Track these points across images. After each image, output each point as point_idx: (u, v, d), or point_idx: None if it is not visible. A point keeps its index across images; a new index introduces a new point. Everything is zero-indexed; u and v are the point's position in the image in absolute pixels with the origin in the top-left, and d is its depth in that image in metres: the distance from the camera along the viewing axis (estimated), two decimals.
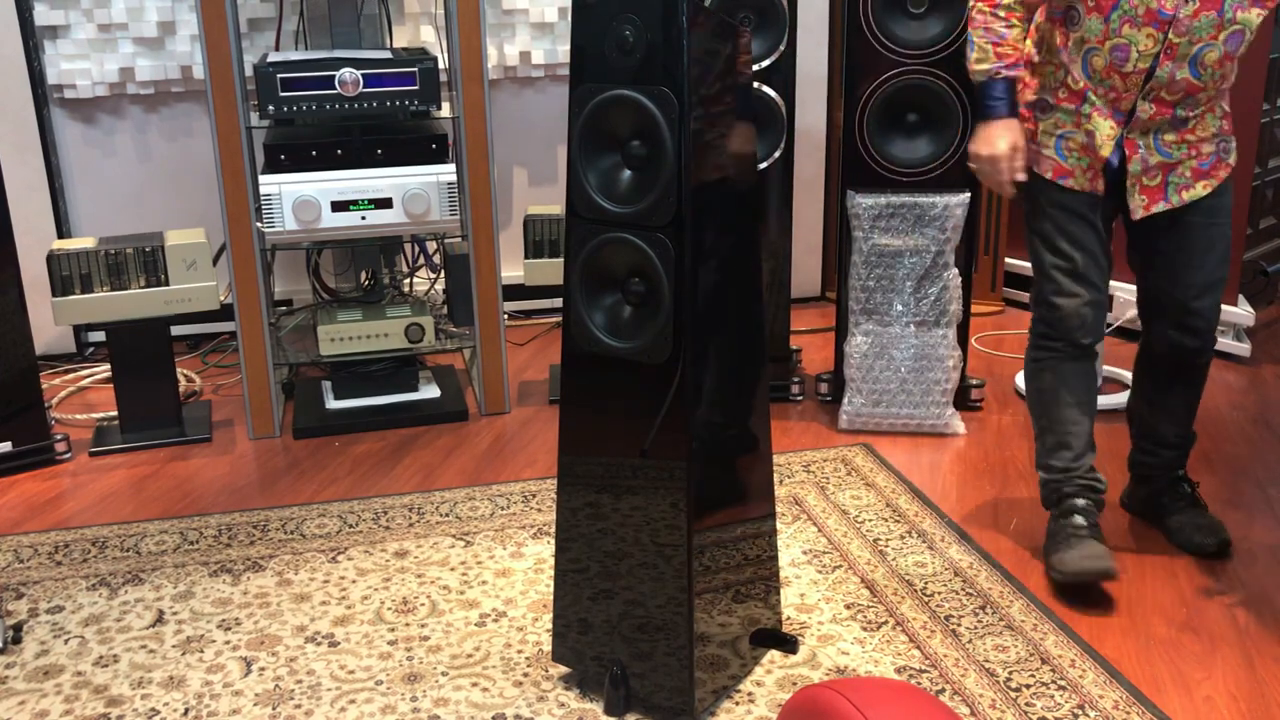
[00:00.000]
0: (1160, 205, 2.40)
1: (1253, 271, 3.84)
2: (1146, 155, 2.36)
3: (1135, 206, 2.41)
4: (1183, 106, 2.31)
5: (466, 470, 3.08)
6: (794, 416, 3.38)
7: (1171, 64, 2.24)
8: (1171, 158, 2.37)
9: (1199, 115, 2.34)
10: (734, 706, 2.06)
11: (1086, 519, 2.45)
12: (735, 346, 2.01)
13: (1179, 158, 2.37)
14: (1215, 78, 2.27)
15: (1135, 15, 2.21)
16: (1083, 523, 2.44)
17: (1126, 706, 2.04)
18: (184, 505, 2.90)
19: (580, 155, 1.92)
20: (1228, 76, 2.31)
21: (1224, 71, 2.27)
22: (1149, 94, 2.29)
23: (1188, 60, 2.23)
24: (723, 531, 2.03)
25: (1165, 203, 2.40)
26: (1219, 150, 2.40)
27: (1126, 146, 2.36)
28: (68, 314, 3.11)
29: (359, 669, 2.20)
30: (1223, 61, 2.24)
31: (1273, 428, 3.24)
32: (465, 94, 3.19)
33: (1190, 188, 2.39)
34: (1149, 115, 2.32)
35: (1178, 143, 2.36)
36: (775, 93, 3.20)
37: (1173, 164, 2.37)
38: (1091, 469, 2.51)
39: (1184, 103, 2.31)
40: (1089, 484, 2.49)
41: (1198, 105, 2.32)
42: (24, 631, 2.34)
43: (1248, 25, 2.21)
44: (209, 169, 3.59)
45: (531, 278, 3.43)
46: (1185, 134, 2.36)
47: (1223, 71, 2.27)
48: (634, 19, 1.81)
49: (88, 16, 3.70)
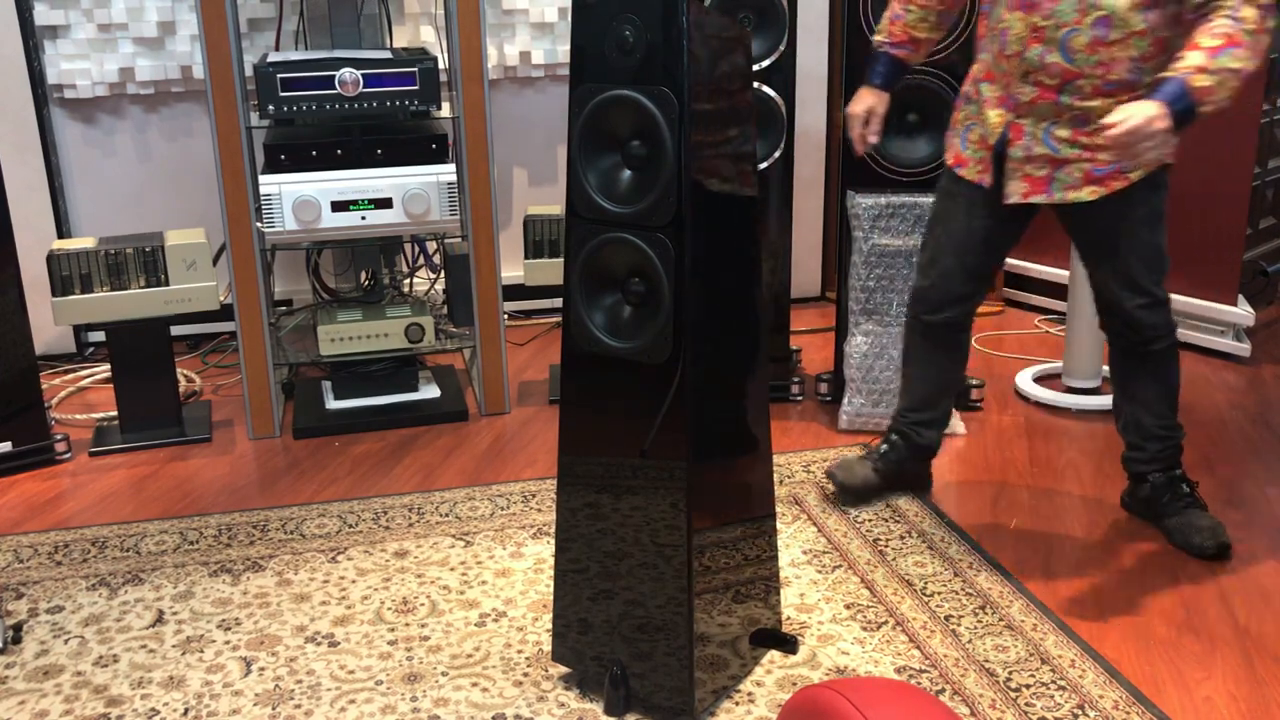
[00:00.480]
0: (1040, 198, 2.41)
1: (1253, 271, 3.84)
2: (1031, 144, 2.38)
3: (1011, 191, 2.43)
4: (1068, 93, 2.30)
5: (466, 470, 3.08)
6: (794, 416, 3.38)
7: (1041, 47, 2.28)
8: (1058, 154, 2.36)
9: (1102, 118, 2.23)
10: (734, 706, 2.06)
11: (880, 449, 2.81)
12: (735, 346, 2.01)
13: (1068, 156, 2.36)
14: (1091, 63, 2.26)
15: None
16: (877, 451, 2.82)
17: (1126, 706, 2.04)
18: (184, 505, 2.90)
19: (580, 155, 1.92)
20: (1111, 67, 2.26)
21: (1103, 59, 2.25)
22: (1026, 77, 2.33)
23: (1056, 44, 2.27)
24: (723, 531, 2.03)
25: (1046, 196, 2.40)
26: (1121, 163, 2.34)
27: (1012, 131, 2.39)
28: (68, 314, 3.11)
29: (359, 669, 2.20)
30: (1095, 47, 2.24)
31: (1273, 428, 3.24)
32: (465, 94, 3.19)
33: (1076, 189, 2.39)
34: (1030, 98, 2.34)
35: (1070, 141, 2.35)
36: (775, 93, 3.20)
37: (1060, 160, 2.37)
38: (918, 424, 2.77)
39: (1068, 89, 2.30)
40: (904, 431, 2.79)
41: (1085, 95, 2.30)
42: (24, 631, 2.34)
43: (1113, 10, 2.22)
44: (209, 169, 3.59)
45: (531, 278, 3.43)
46: (1081, 134, 2.34)
47: (1100, 59, 2.25)
48: (634, 19, 1.81)
49: (88, 16, 3.70)
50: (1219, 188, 3.65)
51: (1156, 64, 2.27)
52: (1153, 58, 2.28)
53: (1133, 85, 2.29)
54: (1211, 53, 2.14)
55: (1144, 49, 2.26)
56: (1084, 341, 3.43)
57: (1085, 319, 3.41)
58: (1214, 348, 3.77)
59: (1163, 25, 2.25)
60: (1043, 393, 3.44)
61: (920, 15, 2.56)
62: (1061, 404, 3.40)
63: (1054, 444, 3.16)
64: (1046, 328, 4.08)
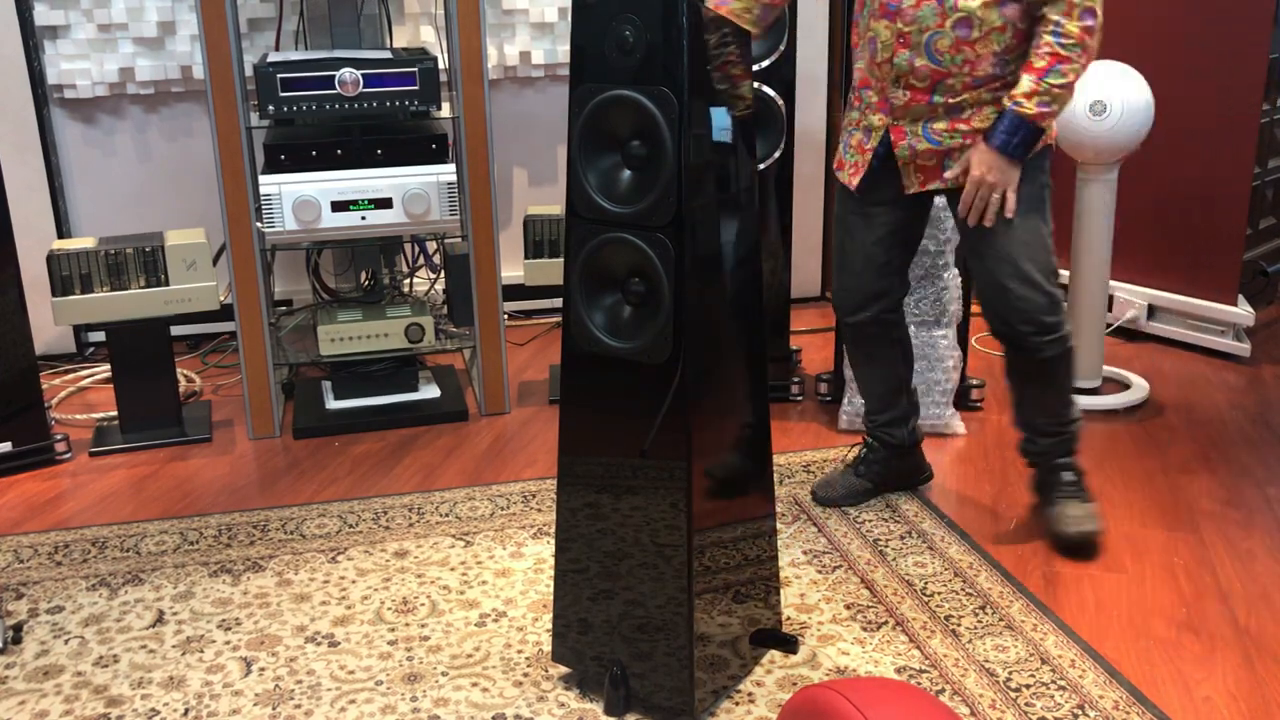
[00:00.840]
0: (936, 184, 2.48)
1: (1253, 271, 3.84)
2: (914, 142, 2.44)
3: (909, 183, 2.50)
4: (940, 93, 2.38)
5: (466, 470, 3.08)
6: (794, 416, 3.38)
7: (908, 52, 2.36)
8: (941, 145, 2.43)
9: (976, 107, 2.39)
10: (734, 707, 2.06)
11: (861, 455, 2.85)
12: (735, 346, 2.01)
13: (951, 145, 2.43)
14: (958, 62, 2.34)
15: (874, 8, 2.40)
16: (858, 459, 2.86)
17: (1126, 706, 2.04)
18: (184, 505, 2.90)
19: (580, 155, 1.92)
20: (977, 64, 2.34)
21: (968, 57, 2.33)
22: (898, 81, 2.40)
23: (922, 48, 2.35)
24: (723, 531, 2.03)
25: (941, 182, 2.47)
26: None
27: (894, 134, 2.46)
28: (68, 314, 3.11)
29: (359, 669, 2.20)
30: (959, 47, 2.33)
31: (1273, 428, 3.24)
32: (465, 94, 3.19)
33: None
34: (903, 101, 2.41)
35: (949, 131, 2.41)
36: (775, 93, 3.20)
37: (945, 150, 2.43)
38: (884, 425, 2.81)
39: (940, 89, 2.38)
40: (875, 435, 2.84)
41: (956, 92, 2.37)
42: (24, 631, 2.34)
43: (970, 12, 2.31)
44: (209, 169, 3.59)
45: (531, 278, 3.43)
46: (958, 122, 2.41)
47: (965, 57, 2.33)
48: (634, 19, 1.81)
49: (88, 16, 3.70)
50: (1219, 188, 3.65)
51: (1019, 54, 2.36)
52: (1015, 49, 2.36)
53: (998, 77, 2.37)
54: (1039, 74, 2.30)
55: (1005, 42, 2.34)
56: (1084, 341, 3.43)
57: (1086, 319, 3.42)
58: (1214, 348, 3.77)
59: (1020, 18, 2.33)
60: None
61: (745, 5, 2.51)
62: None
63: None
64: None
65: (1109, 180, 3.30)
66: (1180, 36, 3.63)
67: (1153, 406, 3.40)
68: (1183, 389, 3.52)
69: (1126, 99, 3.17)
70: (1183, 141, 3.67)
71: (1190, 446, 3.13)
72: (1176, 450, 3.11)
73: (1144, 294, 3.88)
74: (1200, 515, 2.75)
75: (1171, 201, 3.77)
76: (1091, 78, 3.22)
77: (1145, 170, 3.63)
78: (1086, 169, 3.30)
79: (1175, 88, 3.57)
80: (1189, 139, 3.67)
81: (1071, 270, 3.43)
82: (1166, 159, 3.68)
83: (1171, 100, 3.52)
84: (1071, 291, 3.44)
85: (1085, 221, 3.34)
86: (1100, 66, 3.24)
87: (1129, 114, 3.17)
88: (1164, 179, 3.74)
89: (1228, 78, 3.57)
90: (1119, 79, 3.19)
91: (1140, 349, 3.86)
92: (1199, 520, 2.73)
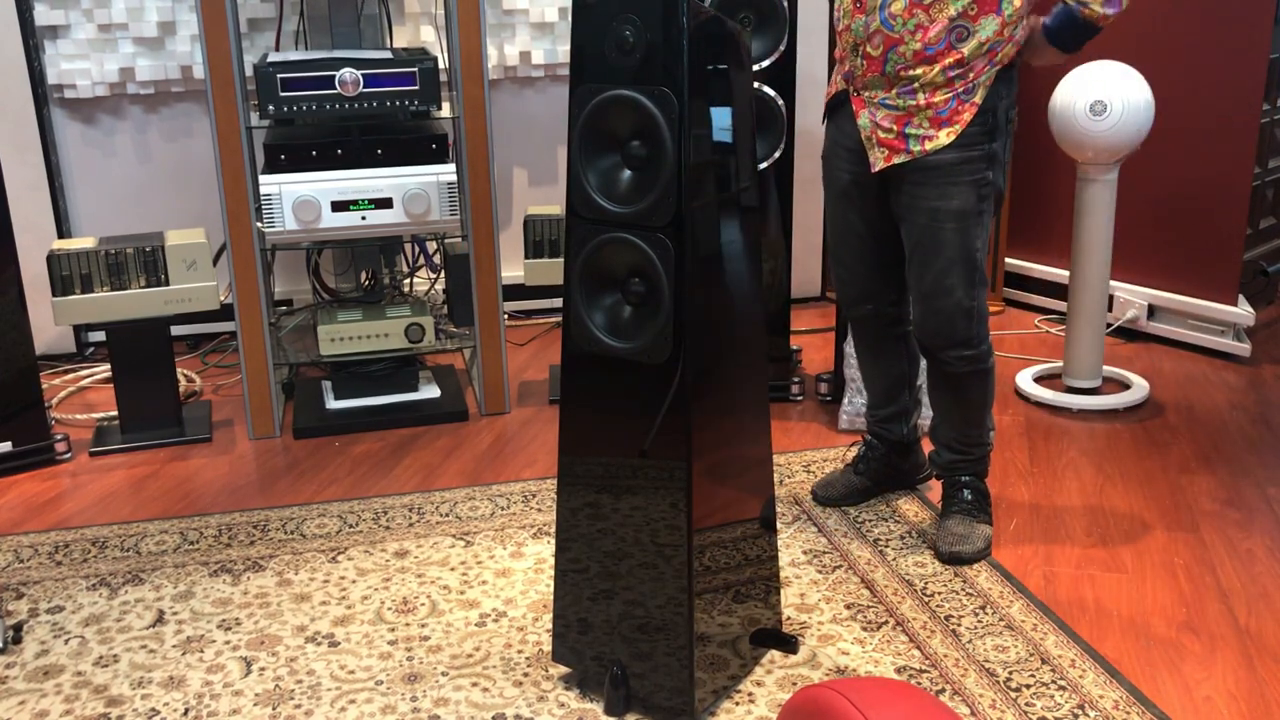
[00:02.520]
0: (901, 157, 2.40)
1: (1253, 271, 3.84)
2: (873, 111, 2.40)
3: (875, 159, 2.43)
4: (891, 62, 2.33)
5: (466, 470, 3.08)
6: (794, 416, 3.38)
7: (864, 17, 2.33)
8: (900, 109, 2.37)
9: (929, 90, 2.34)
10: (734, 706, 2.06)
11: (860, 454, 2.83)
12: (735, 346, 2.01)
13: (908, 107, 2.36)
14: (910, 27, 2.29)
15: None
16: (857, 457, 2.83)
17: (1126, 706, 2.04)
18: (184, 505, 2.90)
19: (580, 155, 1.92)
20: (929, 30, 2.28)
21: (921, 22, 2.28)
22: (856, 50, 2.38)
23: (877, 10, 2.31)
24: (723, 531, 2.03)
25: (907, 154, 2.39)
26: (957, 94, 2.35)
27: (854, 104, 2.43)
28: (68, 314, 3.11)
29: (359, 669, 2.20)
30: (912, 9, 2.28)
31: (1273, 428, 3.24)
32: (465, 94, 3.19)
33: (933, 138, 2.37)
34: (862, 71, 2.38)
35: (904, 94, 2.36)
36: (775, 93, 3.20)
37: (905, 114, 2.37)
38: (884, 420, 2.78)
39: (891, 58, 2.33)
40: (875, 431, 2.82)
41: (906, 62, 2.32)
42: (24, 631, 2.34)
43: None
44: (209, 169, 3.59)
45: (531, 278, 3.43)
46: (911, 102, 2.36)
47: (918, 21, 2.28)
48: (634, 19, 1.81)
49: (88, 16, 3.70)
50: (1219, 188, 3.65)
51: (975, 32, 2.30)
52: (972, 19, 2.29)
53: (949, 49, 2.31)
54: None
55: (961, 6, 2.27)
56: (1084, 341, 3.43)
57: (1086, 319, 3.42)
58: (1214, 347, 3.77)
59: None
60: (1043, 393, 3.44)
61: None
62: (1062, 404, 3.39)
63: (1054, 444, 3.16)
64: (1046, 328, 4.08)
65: (1109, 180, 3.30)
66: (1180, 36, 3.63)
67: (1153, 406, 3.40)
68: (1183, 389, 3.52)
69: (1126, 99, 3.17)
70: (1183, 141, 3.67)
71: (1190, 446, 3.13)
72: (1176, 450, 3.11)
73: (1144, 294, 3.88)
74: (1200, 515, 2.75)
75: (1171, 201, 3.77)
76: (1092, 78, 3.22)
77: (1145, 170, 3.63)
78: (1086, 169, 3.30)
79: (1175, 88, 3.57)
80: (1189, 139, 3.67)
81: (1072, 270, 3.43)
82: (1166, 159, 3.68)
83: (1171, 100, 3.52)
84: (1072, 291, 3.45)
85: (1085, 221, 3.34)
86: (1100, 66, 3.24)
87: (1129, 114, 3.17)
88: (1164, 179, 3.74)
89: (1228, 78, 3.56)
90: (1119, 79, 3.19)
91: (1140, 349, 3.86)
92: (1199, 520, 2.73)
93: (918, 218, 2.43)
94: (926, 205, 2.40)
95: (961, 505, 2.60)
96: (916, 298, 2.49)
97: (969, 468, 2.62)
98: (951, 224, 2.40)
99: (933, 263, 2.43)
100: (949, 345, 2.47)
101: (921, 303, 2.48)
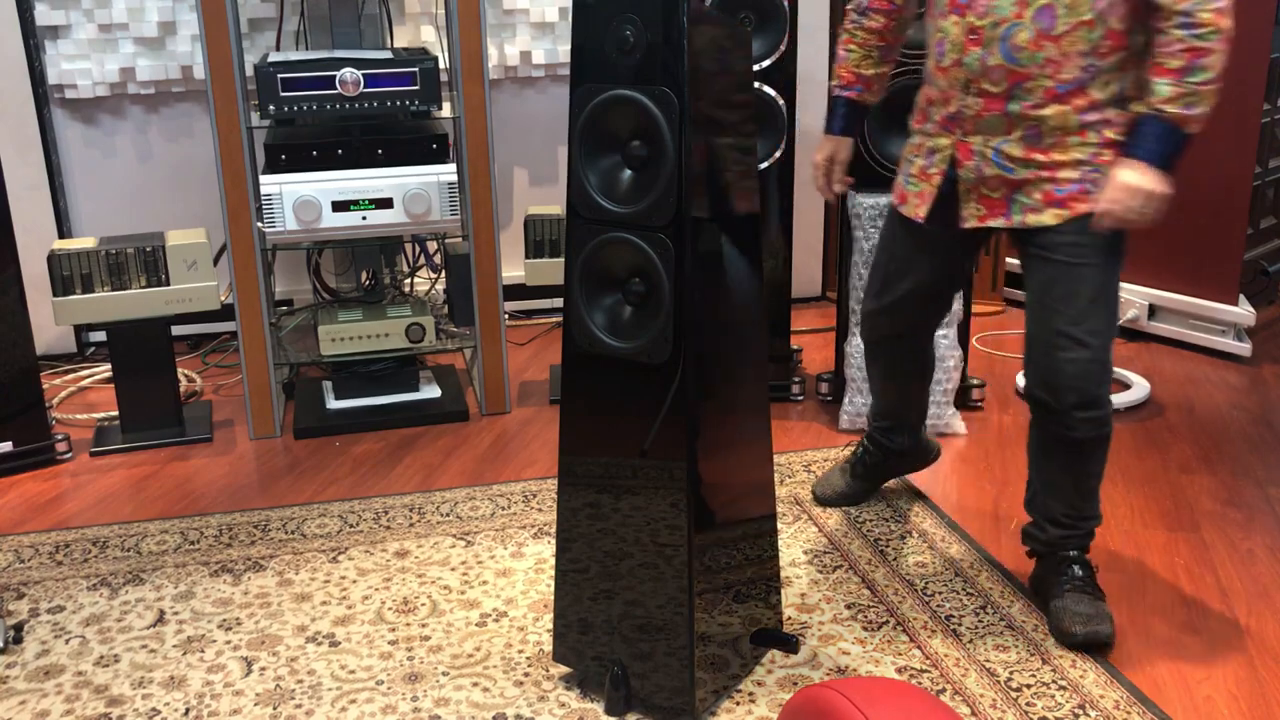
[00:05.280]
0: (998, 221, 2.17)
1: (1253, 271, 3.84)
2: (981, 165, 2.15)
3: (968, 215, 2.20)
4: (1017, 99, 2.07)
5: (467, 470, 3.08)
6: (794, 416, 3.38)
7: (981, 50, 2.07)
8: (1013, 174, 2.12)
9: (1058, 135, 2.08)
10: (734, 706, 2.06)
11: (857, 454, 2.81)
12: (735, 346, 2.01)
13: (1025, 176, 2.12)
14: (1038, 61, 2.04)
15: (942, 4, 2.13)
16: (854, 457, 2.82)
17: (1127, 706, 2.05)
18: (184, 505, 2.91)
19: (581, 155, 1.92)
20: (1061, 65, 2.04)
21: (1050, 56, 2.03)
22: (968, 88, 2.12)
23: (996, 43, 2.05)
24: (723, 531, 2.03)
25: (1005, 220, 2.16)
26: (1085, 180, 2.10)
27: (960, 151, 2.18)
28: (68, 314, 3.11)
29: (360, 669, 2.20)
30: (1040, 42, 2.02)
31: (1273, 428, 3.24)
32: (466, 94, 3.19)
33: (1037, 212, 2.13)
34: (975, 111, 2.12)
35: (1024, 160, 2.11)
36: (775, 93, 3.20)
37: (1015, 182, 2.13)
38: (888, 430, 2.73)
39: (1017, 95, 2.07)
40: (875, 437, 2.77)
41: (1036, 100, 2.06)
42: (25, 631, 2.34)
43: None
44: (209, 169, 3.59)
45: (532, 278, 3.44)
46: (1035, 151, 2.10)
47: (1047, 55, 2.03)
48: (634, 19, 1.81)
49: (88, 16, 3.70)
50: (1219, 188, 3.65)
51: (1114, 62, 2.06)
52: (1105, 54, 2.05)
53: (1083, 88, 2.06)
54: (1177, 74, 1.99)
55: (1094, 41, 2.03)
56: None
57: None
58: (1215, 347, 3.77)
59: (1113, 13, 2.02)
60: None
61: (861, 54, 2.44)
62: None
63: None
64: None
65: None
66: None
67: (1153, 406, 3.40)
68: (1183, 389, 3.52)
69: None
70: None
71: (1191, 446, 3.13)
72: (1177, 450, 3.11)
73: (1145, 294, 3.88)
74: (1201, 515, 2.75)
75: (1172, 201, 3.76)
76: None
77: None
78: None
79: None
80: None
81: None
82: None
83: None
84: None
85: None
86: None
87: None
88: None
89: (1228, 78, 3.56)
90: None
91: (1141, 349, 3.86)
92: (1200, 520, 2.73)
93: (1052, 252, 2.14)
94: (1065, 239, 2.13)
95: (1074, 582, 2.26)
96: (1040, 347, 2.17)
97: (1077, 542, 2.29)
98: (1094, 260, 2.11)
99: (1067, 307, 2.13)
100: (1076, 406, 2.15)
101: (1047, 354, 2.16)
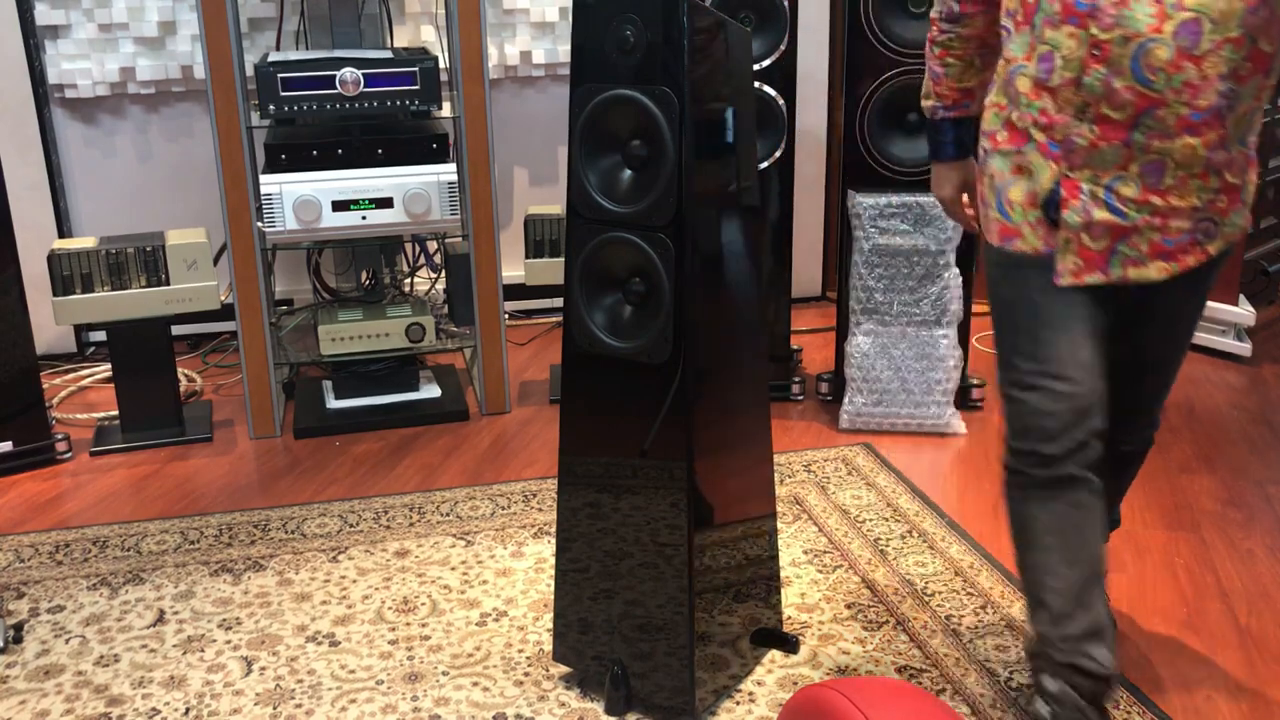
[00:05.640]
0: (1095, 277, 1.79)
1: (1253, 271, 3.84)
2: (1090, 205, 1.76)
3: (1063, 270, 1.80)
4: (1144, 129, 1.69)
5: (467, 470, 3.08)
6: (794, 416, 3.38)
7: (1104, 69, 1.68)
8: (1126, 219, 1.75)
9: (1183, 173, 1.72)
10: (735, 706, 2.06)
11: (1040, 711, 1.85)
12: (735, 346, 2.01)
13: (1135, 222, 1.75)
14: (1175, 85, 1.65)
15: (1052, 13, 1.73)
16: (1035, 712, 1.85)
17: (1127, 706, 2.04)
18: (184, 505, 2.91)
19: (581, 155, 1.92)
20: (1200, 90, 1.66)
21: (1190, 79, 1.65)
22: (1085, 112, 1.72)
23: (1126, 62, 1.66)
24: (723, 531, 2.03)
25: (1102, 275, 1.79)
26: (1197, 231, 1.77)
27: (1065, 188, 1.77)
28: (68, 313, 3.11)
29: (360, 668, 2.20)
30: (1180, 63, 1.64)
31: (1273, 428, 3.24)
32: (466, 94, 3.19)
33: (1141, 266, 1.78)
34: (1088, 141, 1.73)
35: (1139, 202, 1.74)
36: (775, 93, 3.20)
37: (1125, 229, 1.76)
38: (1082, 639, 1.81)
39: (1144, 124, 1.69)
40: (1070, 663, 1.81)
41: (1166, 131, 1.69)
42: (25, 631, 2.34)
43: (1203, 11, 1.62)
44: (209, 169, 3.59)
45: (532, 278, 3.44)
46: (1153, 193, 1.74)
47: (1186, 78, 1.65)
48: (634, 19, 1.81)
49: (88, 16, 3.70)
50: None
51: (1250, 88, 1.69)
52: (1246, 77, 1.67)
53: (1221, 118, 1.69)
54: None
55: (1235, 62, 1.65)
56: None
57: None
58: (1215, 347, 3.77)
59: (1263, 32, 1.66)
60: None
61: (962, 66, 2.03)
62: None
63: None
64: None
65: None
66: None
67: None
68: (1183, 389, 3.52)
69: None
70: None
71: (1191, 446, 3.13)
72: (1177, 450, 3.11)
73: None
74: (1201, 515, 2.75)
75: None
76: None
77: None
78: None
79: None
80: None
81: None
82: None
83: None
84: None
85: None
86: None
87: None
88: None
89: None
90: None
91: None
92: (1200, 520, 2.73)
93: (1175, 324, 1.94)
94: (1188, 309, 1.93)
95: None
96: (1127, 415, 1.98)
97: None
98: (1195, 319, 1.97)
99: (1172, 373, 2.00)
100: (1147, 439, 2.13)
101: (1141, 416, 2.06)
